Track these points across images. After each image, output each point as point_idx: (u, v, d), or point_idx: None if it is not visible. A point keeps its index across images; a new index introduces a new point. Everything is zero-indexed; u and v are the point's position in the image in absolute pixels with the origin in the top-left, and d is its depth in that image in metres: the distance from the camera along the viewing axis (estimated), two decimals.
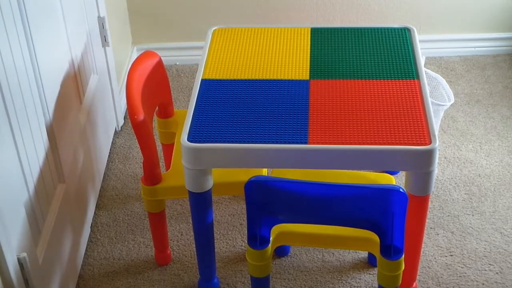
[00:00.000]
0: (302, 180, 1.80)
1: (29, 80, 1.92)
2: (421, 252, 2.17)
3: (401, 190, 1.73)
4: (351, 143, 1.84)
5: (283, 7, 3.37)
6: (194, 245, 2.39)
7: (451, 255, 2.41)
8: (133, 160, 2.86)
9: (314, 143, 1.85)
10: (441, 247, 2.44)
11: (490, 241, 2.46)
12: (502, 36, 3.50)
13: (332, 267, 2.37)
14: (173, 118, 2.41)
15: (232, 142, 1.87)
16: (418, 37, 2.29)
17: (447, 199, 2.64)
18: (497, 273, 2.34)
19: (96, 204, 2.64)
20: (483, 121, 3.05)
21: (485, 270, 2.35)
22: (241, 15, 3.39)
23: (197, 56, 2.42)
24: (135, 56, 3.39)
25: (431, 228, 2.51)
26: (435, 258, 2.39)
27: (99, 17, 2.75)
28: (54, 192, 2.14)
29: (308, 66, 2.16)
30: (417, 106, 1.97)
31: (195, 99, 2.03)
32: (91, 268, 2.39)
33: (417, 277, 2.25)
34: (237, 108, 1.99)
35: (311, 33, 2.33)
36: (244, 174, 2.04)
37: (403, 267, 1.89)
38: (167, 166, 2.54)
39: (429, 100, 2.00)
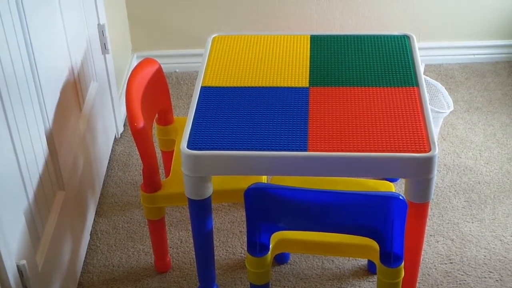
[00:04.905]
0: (301, 188, 1.80)
1: (28, 87, 1.92)
2: (421, 260, 2.17)
3: (400, 197, 1.73)
4: (350, 151, 1.84)
5: (282, 15, 3.38)
6: (193, 253, 2.39)
7: (451, 263, 2.40)
8: (133, 167, 2.86)
9: (313, 151, 1.85)
10: (440, 254, 2.44)
11: (490, 248, 2.45)
12: (501, 43, 3.50)
13: (331, 274, 2.37)
14: (172, 125, 2.41)
15: (232, 149, 1.87)
16: (417, 45, 2.29)
17: (446, 207, 2.64)
18: (497, 280, 2.34)
19: (96, 211, 2.64)
20: (483, 128, 3.05)
21: (485, 277, 2.35)
22: (240, 22, 3.40)
23: (197, 63, 2.43)
24: (135, 63, 3.39)
25: (430, 235, 2.51)
26: (434, 266, 2.39)
27: (99, 24, 2.76)
28: (53, 199, 2.14)
29: (308, 74, 2.16)
30: (416, 114, 1.97)
31: (195, 106, 2.03)
32: (90, 275, 2.39)
33: (417, 284, 2.24)
34: (237, 115, 1.99)
35: (310, 40, 2.33)
36: (244, 182, 2.04)
37: (402, 275, 1.89)
38: (167, 173, 2.54)
39: (429, 107, 2.00)
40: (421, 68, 2.18)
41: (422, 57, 2.52)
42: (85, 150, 2.48)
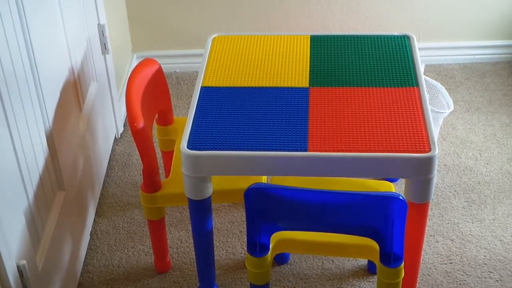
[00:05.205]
0: (301, 188, 1.80)
1: (28, 87, 1.92)
2: (421, 260, 2.17)
3: (400, 197, 1.73)
4: (350, 151, 1.84)
5: (282, 15, 3.38)
6: (193, 253, 2.38)
7: (451, 263, 2.40)
8: (133, 167, 2.86)
9: (313, 151, 1.85)
10: (440, 254, 2.44)
11: (490, 248, 2.45)
12: (501, 43, 3.50)
13: (331, 274, 2.36)
14: (172, 125, 2.41)
15: (232, 149, 1.87)
16: (417, 45, 2.30)
17: (446, 207, 2.64)
18: (497, 280, 2.34)
19: (96, 212, 2.64)
20: (483, 128, 3.05)
21: (485, 277, 2.35)
22: (240, 22, 3.40)
23: (197, 64, 2.43)
24: (135, 63, 3.39)
25: (430, 235, 2.51)
26: (434, 266, 2.39)
27: (99, 24, 2.76)
28: (53, 200, 2.14)
29: (308, 74, 2.16)
30: (416, 114, 1.97)
31: (195, 106, 2.03)
32: (90, 275, 2.39)
33: (417, 284, 2.24)
34: (237, 115, 1.99)
35: (310, 40, 2.33)
36: (244, 182, 2.04)
37: (402, 275, 1.89)
38: (167, 174, 2.54)
39: (429, 107, 2.00)
40: (421, 68, 2.18)
41: (422, 57, 2.52)
42: (85, 150, 2.48)
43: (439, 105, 2.79)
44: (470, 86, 3.35)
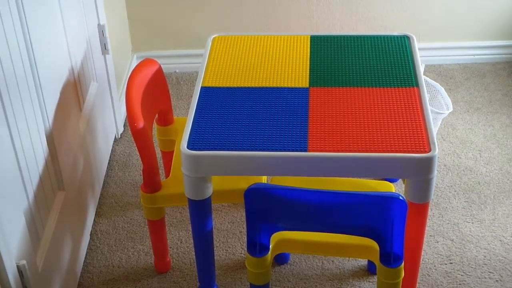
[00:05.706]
0: (301, 188, 1.80)
1: (28, 87, 1.92)
2: (421, 260, 2.17)
3: (400, 197, 1.73)
4: (350, 151, 1.84)
5: (282, 15, 3.38)
6: (193, 253, 2.39)
7: (451, 263, 2.40)
8: (133, 167, 2.86)
9: (313, 151, 1.85)
10: (440, 254, 2.44)
11: (489, 248, 2.45)
12: (501, 44, 3.50)
13: (331, 275, 2.37)
14: (172, 125, 2.41)
15: (232, 149, 1.87)
16: (417, 45, 2.30)
17: (446, 207, 2.64)
18: (497, 281, 2.34)
19: (96, 212, 2.64)
20: (483, 128, 3.05)
21: (485, 278, 2.35)
22: (241, 22, 3.40)
23: (197, 64, 2.43)
24: (135, 63, 3.39)
25: (430, 235, 2.51)
26: (434, 266, 2.39)
27: (99, 24, 2.76)
28: (53, 200, 2.14)
29: (308, 74, 2.16)
30: (416, 114, 1.97)
31: (195, 106, 2.03)
32: (90, 275, 2.39)
33: (417, 285, 2.24)
34: (237, 115, 1.99)
35: (310, 40, 2.33)
36: (244, 182, 2.04)
37: (402, 275, 1.89)
38: (167, 174, 2.54)
39: (429, 107, 2.00)
40: (421, 68, 2.18)
41: (422, 57, 2.52)
42: (85, 150, 2.48)
43: (438, 106, 2.79)
44: (470, 86, 3.35)
